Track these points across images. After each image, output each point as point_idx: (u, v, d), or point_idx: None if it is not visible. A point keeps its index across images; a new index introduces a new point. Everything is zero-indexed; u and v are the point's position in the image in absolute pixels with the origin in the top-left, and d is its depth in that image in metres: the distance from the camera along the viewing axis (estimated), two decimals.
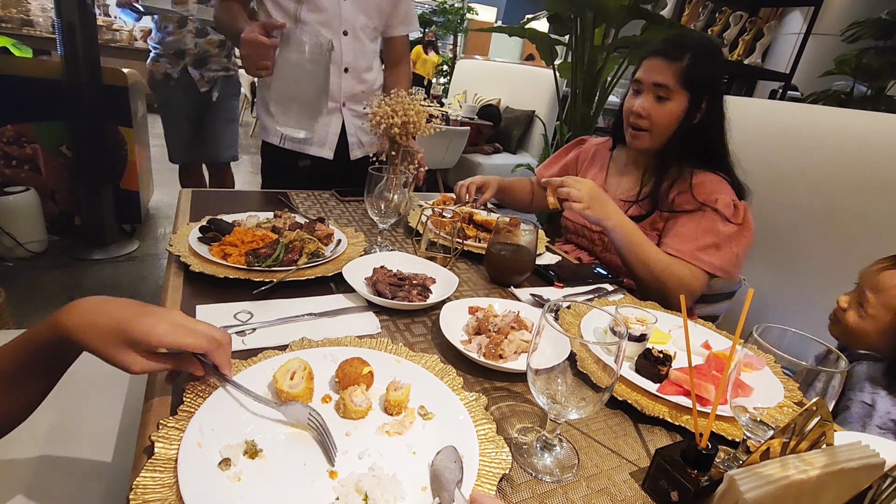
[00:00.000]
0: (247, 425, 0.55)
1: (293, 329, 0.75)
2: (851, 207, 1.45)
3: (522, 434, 0.63)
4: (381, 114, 1.07)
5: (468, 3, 8.96)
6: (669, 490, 0.54)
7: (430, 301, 0.86)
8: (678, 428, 0.67)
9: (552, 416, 0.56)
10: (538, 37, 2.77)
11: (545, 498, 0.54)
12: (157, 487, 0.45)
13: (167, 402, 0.58)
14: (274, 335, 0.73)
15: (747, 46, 3.16)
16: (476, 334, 0.79)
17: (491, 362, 0.72)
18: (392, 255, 1.01)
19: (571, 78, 2.73)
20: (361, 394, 0.59)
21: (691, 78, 1.14)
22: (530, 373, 0.55)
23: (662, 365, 0.74)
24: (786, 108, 1.78)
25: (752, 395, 0.59)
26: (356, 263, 0.93)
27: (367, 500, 0.47)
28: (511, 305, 0.88)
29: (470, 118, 4.37)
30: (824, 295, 1.51)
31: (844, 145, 1.48)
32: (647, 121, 1.20)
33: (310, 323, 0.78)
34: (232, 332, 0.71)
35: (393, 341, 0.73)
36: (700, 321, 0.98)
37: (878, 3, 3.95)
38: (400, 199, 1.03)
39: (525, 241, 1.02)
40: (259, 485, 0.48)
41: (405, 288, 0.87)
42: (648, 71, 1.18)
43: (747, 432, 0.57)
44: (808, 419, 0.48)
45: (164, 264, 2.61)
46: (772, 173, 1.63)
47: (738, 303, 1.59)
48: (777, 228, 1.62)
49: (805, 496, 0.47)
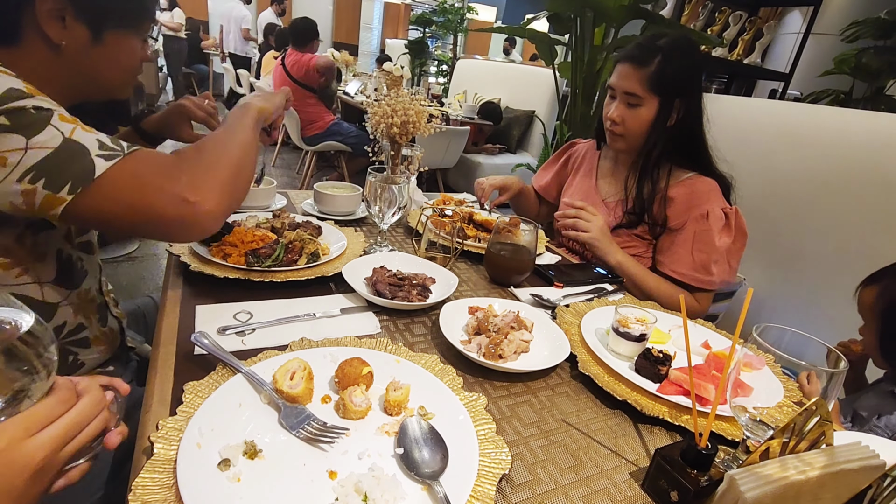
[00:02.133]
0: (246, 426, 0.54)
1: (293, 329, 0.75)
2: (851, 207, 1.45)
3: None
4: (380, 114, 1.07)
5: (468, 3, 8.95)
6: (669, 490, 0.54)
7: (430, 301, 0.86)
8: (678, 428, 0.67)
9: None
10: (538, 37, 2.76)
11: (545, 498, 0.54)
12: (157, 488, 0.45)
13: (167, 401, 0.58)
14: (273, 335, 0.73)
15: (747, 46, 3.15)
16: (476, 334, 0.79)
17: (491, 362, 0.72)
18: (392, 256, 1.01)
19: (571, 78, 2.72)
20: (361, 394, 0.59)
21: (660, 82, 1.14)
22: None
23: (662, 365, 0.74)
24: (785, 108, 1.78)
25: (752, 394, 0.59)
26: (356, 263, 0.93)
27: (367, 500, 0.47)
28: (511, 305, 0.88)
29: (470, 118, 4.36)
30: (824, 295, 1.51)
31: (844, 145, 1.48)
32: (621, 126, 1.21)
33: (309, 323, 0.78)
34: (231, 333, 0.72)
35: (393, 341, 0.73)
36: (700, 321, 0.98)
37: (877, 3, 3.95)
38: (400, 199, 1.03)
39: (525, 241, 1.02)
40: (259, 485, 0.48)
41: (405, 288, 0.87)
42: (619, 77, 1.19)
43: (747, 432, 0.57)
44: (808, 419, 0.48)
45: (164, 264, 2.60)
46: (771, 173, 1.63)
47: (738, 302, 1.59)
48: (777, 228, 1.62)
49: (805, 496, 0.47)
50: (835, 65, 3.69)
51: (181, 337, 0.69)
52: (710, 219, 1.13)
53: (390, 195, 1.00)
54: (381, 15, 11.77)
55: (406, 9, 11.59)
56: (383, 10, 11.75)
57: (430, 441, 0.55)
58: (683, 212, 1.17)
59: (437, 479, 0.50)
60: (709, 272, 1.13)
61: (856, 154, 1.45)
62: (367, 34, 11.47)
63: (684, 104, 1.16)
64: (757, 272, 1.66)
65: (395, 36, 11.12)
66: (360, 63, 6.78)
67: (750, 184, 1.22)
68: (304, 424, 0.55)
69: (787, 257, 1.61)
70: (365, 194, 1.04)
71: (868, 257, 1.12)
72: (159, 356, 0.65)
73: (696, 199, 1.16)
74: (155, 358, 0.65)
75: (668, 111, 1.16)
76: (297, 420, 0.56)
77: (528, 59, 8.42)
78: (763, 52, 3.19)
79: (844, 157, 1.47)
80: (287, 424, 0.55)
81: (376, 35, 11.77)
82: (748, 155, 1.66)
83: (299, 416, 0.56)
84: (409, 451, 0.53)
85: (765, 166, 1.64)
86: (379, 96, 1.10)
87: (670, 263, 1.17)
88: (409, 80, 5.27)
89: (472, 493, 0.49)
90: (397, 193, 1.00)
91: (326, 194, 1.20)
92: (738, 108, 1.76)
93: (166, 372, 0.63)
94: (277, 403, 0.57)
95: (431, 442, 0.55)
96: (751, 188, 1.22)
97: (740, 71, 3.31)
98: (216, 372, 0.61)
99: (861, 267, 1.10)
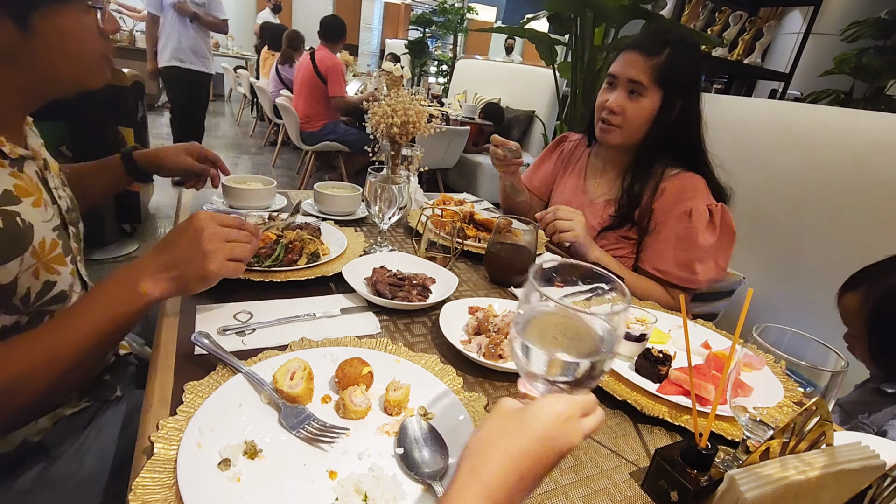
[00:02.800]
0: (246, 426, 0.54)
1: (293, 329, 0.75)
2: (851, 207, 1.45)
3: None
4: (380, 114, 1.07)
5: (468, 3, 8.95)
6: (669, 490, 0.54)
7: (430, 301, 0.86)
8: (678, 428, 0.67)
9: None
10: (538, 37, 2.77)
11: (545, 498, 0.54)
12: (157, 488, 0.45)
13: (167, 402, 0.58)
14: (273, 335, 0.73)
15: (747, 46, 3.15)
16: (476, 334, 0.79)
17: (491, 362, 0.71)
18: (392, 255, 1.01)
19: (571, 78, 2.73)
20: (361, 394, 0.59)
21: (667, 74, 1.12)
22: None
23: (662, 365, 0.74)
24: (785, 108, 1.78)
25: (752, 394, 0.59)
26: (356, 263, 0.93)
27: (367, 500, 0.47)
28: (511, 305, 0.88)
29: (470, 118, 4.36)
30: (824, 294, 1.51)
31: (844, 145, 1.48)
32: (620, 117, 1.16)
33: (309, 323, 0.78)
34: (231, 333, 0.72)
35: (393, 341, 0.73)
36: (700, 321, 0.98)
37: (877, 3, 3.95)
38: (400, 200, 1.03)
39: (525, 241, 1.02)
40: (259, 485, 0.48)
41: (405, 288, 0.87)
42: (624, 65, 1.15)
43: (747, 432, 0.57)
44: (808, 419, 0.48)
45: None
46: (771, 173, 1.63)
47: (737, 301, 1.59)
48: (777, 228, 1.62)
49: (805, 496, 0.47)
50: (835, 65, 3.69)
51: (181, 337, 0.69)
52: (693, 216, 1.11)
53: (390, 195, 1.00)
54: (381, 15, 11.78)
55: (406, 9, 11.59)
56: (383, 10, 11.76)
57: (430, 441, 0.55)
58: (670, 206, 1.14)
59: (437, 479, 0.50)
60: (692, 271, 1.11)
61: (856, 154, 1.45)
62: (367, 34, 11.48)
63: (685, 102, 1.14)
64: (757, 272, 1.66)
65: (395, 36, 11.13)
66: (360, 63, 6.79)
67: (750, 184, 1.22)
68: (304, 424, 0.55)
69: (787, 257, 1.61)
70: (365, 194, 1.04)
71: (868, 257, 1.12)
72: (159, 356, 0.65)
73: (682, 193, 1.14)
74: (155, 358, 0.65)
75: (670, 107, 1.14)
76: (298, 420, 0.56)
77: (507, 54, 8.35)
78: (763, 52, 3.19)
79: (844, 157, 1.47)
80: (287, 424, 0.55)
81: (376, 35, 11.78)
82: (748, 155, 1.66)
83: (300, 415, 0.56)
84: (409, 451, 0.53)
85: (765, 166, 1.64)
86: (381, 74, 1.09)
87: (654, 262, 1.16)
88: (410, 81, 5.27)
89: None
90: (397, 193, 1.00)
91: (326, 194, 1.20)
92: (738, 108, 1.76)
93: (166, 372, 0.63)
94: (278, 403, 0.57)
95: (431, 442, 0.55)
96: (751, 188, 1.21)
97: (740, 71, 3.32)
98: (216, 372, 0.61)
99: (860, 266, 1.10)
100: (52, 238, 0.71)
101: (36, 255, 0.67)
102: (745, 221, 1.18)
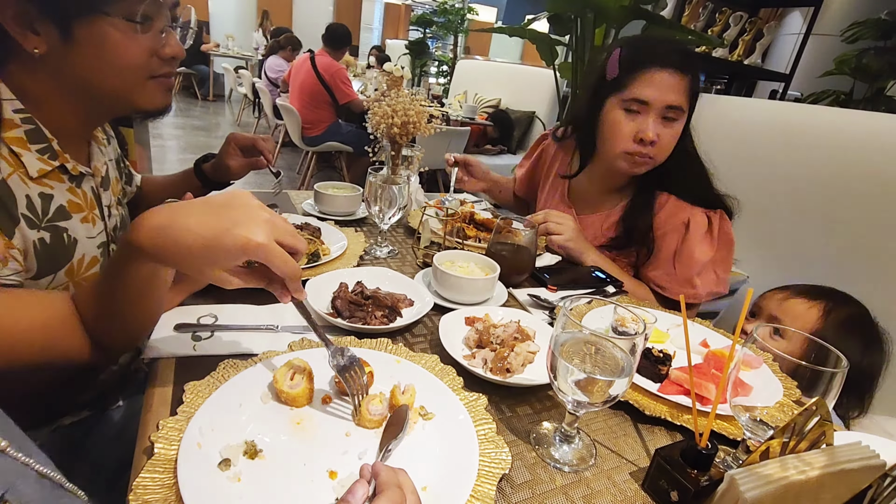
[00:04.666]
0: (246, 426, 0.55)
1: (253, 338, 0.71)
2: (851, 207, 1.45)
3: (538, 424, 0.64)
4: (380, 114, 1.07)
5: (468, 4, 8.95)
6: (669, 490, 0.54)
7: (394, 325, 0.78)
8: (678, 428, 0.67)
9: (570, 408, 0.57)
10: (538, 37, 2.77)
11: (545, 498, 0.54)
12: (157, 488, 0.45)
13: (167, 402, 0.58)
14: (233, 342, 0.69)
15: (747, 47, 3.15)
16: (478, 347, 0.75)
17: (500, 378, 0.68)
18: (382, 272, 0.93)
19: (571, 78, 2.72)
20: (379, 403, 0.58)
21: (696, 91, 1.05)
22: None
23: (662, 364, 0.74)
24: (786, 109, 1.78)
25: (752, 394, 0.59)
26: (328, 277, 0.87)
27: None
28: (508, 314, 0.85)
29: (470, 118, 4.36)
30: None
31: (844, 145, 1.48)
32: (656, 148, 1.04)
33: (270, 334, 0.72)
34: (186, 333, 0.70)
35: (393, 342, 0.73)
36: (698, 319, 0.97)
37: (878, 4, 3.95)
38: (400, 200, 1.03)
39: (525, 241, 1.02)
40: (259, 485, 0.48)
41: (365, 308, 0.79)
42: (661, 89, 1.00)
43: (747, 432, 0.57)
44: (808, 419, 0.48)
45: None
46: (772, 173, 1.63)
47: (738, 300, 1.59)
48: (777, 228, 1.62)
49: (805, 496, 0.47)
50: (835, 65, 3.68)
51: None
52: (691, 226, 1.08)
53: (390, 195, 1.00)
54: (381, 15, 11.79)
55: (406, 9, 11.60)
56: (384, 11, 11.77)
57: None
58: (667, 219, 1.12)
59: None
60: (693, 286, 1.10)
61: (856, 154, 1.45)
62: (367, 35, 11.49)
63: (688, 120, 1.09)
64: (757, 272, 1.66)
65: (396, 36, 11.13)
66: (360, 63, 6.80)
67: (750, 184, 1.21)
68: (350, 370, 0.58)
69: (787, 257, 1.61)
70: (365, 194, 1.04)
71: (868, 257, 1.12)
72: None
73: (679, 205, 1.12)
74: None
75: (688, 126, 1.09)
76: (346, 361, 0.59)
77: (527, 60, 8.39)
78: (763, 53, 3.19)
79: (844, 157, 1.47)
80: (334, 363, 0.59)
81: (377, 35, 11.79)
82: (748, 155, 1.66)
83: (345, 353, 0.60)
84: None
85: (765, 167, 1.64)
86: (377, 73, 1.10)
87: (653, 276, 1.14)
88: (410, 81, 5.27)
89: (472, 493, 0.49)
90: (397, 193, 1.00)
91: (327, 194, 1.20)
92: (738, 108, 1.76)
93: (167, 372, 0.63)
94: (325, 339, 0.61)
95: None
96: (751, 188, 1.21)
97: (741, 72, 3.32)
98: (216, 372, 0.61)
99: (861, 267, 1.10)
100: (94, 255, 0.72)
101: (70, 274, 0.68)
102: (745, 222, 1.18)
